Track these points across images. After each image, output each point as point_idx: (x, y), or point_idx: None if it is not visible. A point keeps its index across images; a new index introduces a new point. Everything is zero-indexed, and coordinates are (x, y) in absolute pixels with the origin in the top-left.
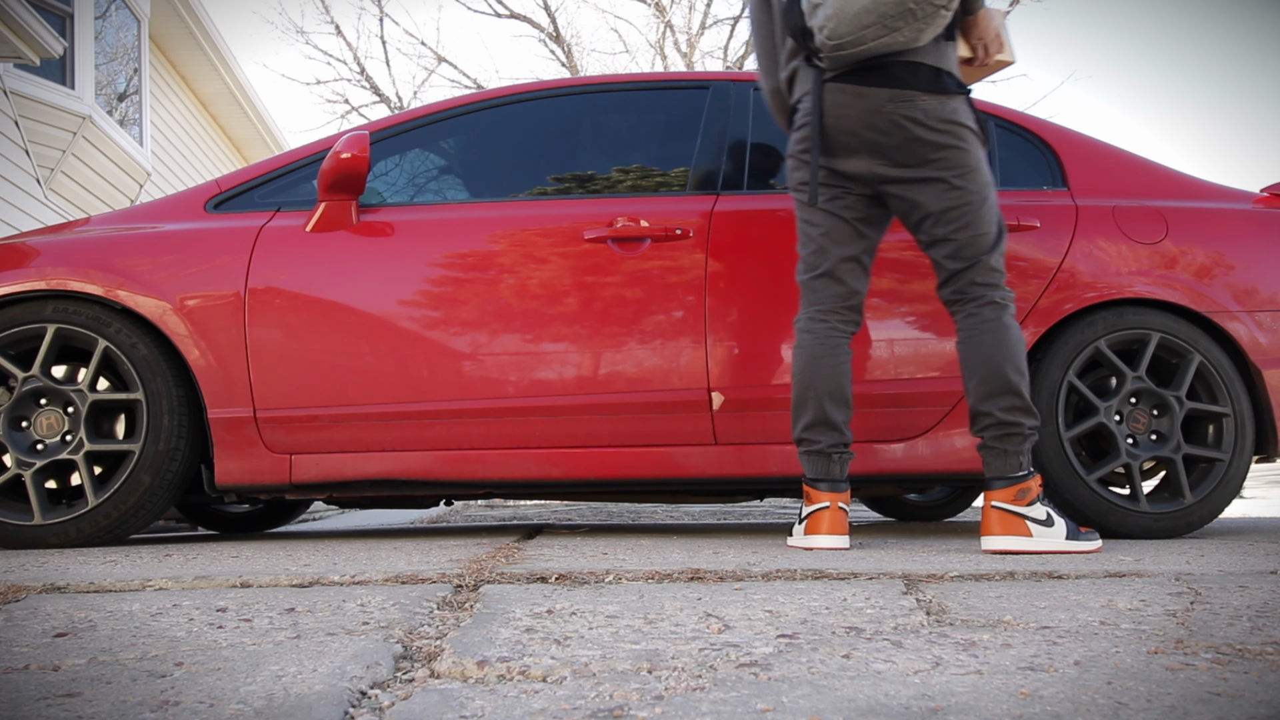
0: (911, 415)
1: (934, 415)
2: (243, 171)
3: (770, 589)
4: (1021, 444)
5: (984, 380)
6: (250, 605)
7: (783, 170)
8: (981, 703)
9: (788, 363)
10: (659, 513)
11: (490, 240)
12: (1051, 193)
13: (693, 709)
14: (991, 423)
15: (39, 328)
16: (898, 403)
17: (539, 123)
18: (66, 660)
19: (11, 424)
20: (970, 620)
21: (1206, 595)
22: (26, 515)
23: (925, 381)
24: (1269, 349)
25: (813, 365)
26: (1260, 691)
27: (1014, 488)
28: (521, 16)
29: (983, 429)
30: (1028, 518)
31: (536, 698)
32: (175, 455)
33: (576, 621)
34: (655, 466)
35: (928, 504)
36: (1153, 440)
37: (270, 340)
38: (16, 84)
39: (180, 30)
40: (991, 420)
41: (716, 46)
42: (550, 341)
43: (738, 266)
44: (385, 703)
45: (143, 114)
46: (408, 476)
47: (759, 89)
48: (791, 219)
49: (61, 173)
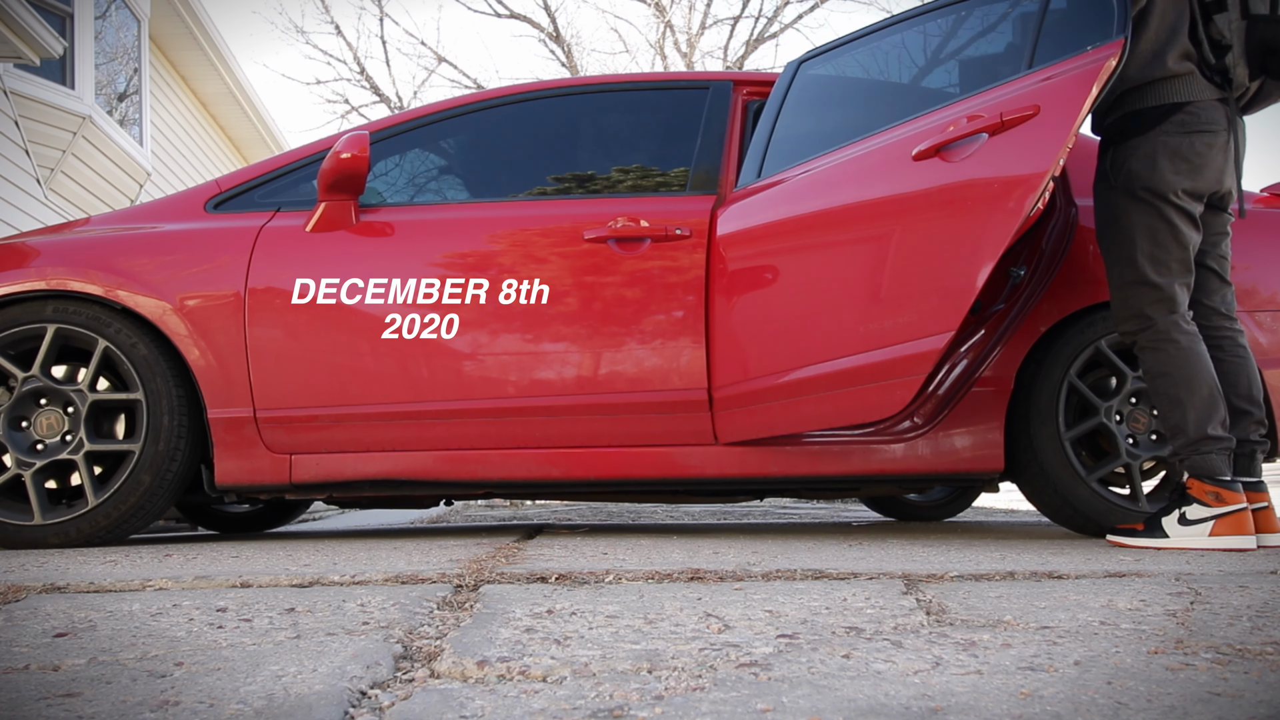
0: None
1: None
2: (243, 171)
3: (770, 589)
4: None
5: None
6: (250, 605)
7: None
8: (981, 703)
9: (788, 362)
10: (659, 513)
11: (490, 240)
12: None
13: (693, 709)
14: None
15: (39, 328)
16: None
17: (539, 123)
18: (66, 660)
19: (11, 424)
20: (970, 620)
21: (1206, 595)
22: (26, 515)
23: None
24: (1269, 349)
25: (1205, 362)
26: (1260, 691)
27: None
28: (521, 16)
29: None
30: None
31: (536, 698)
32: (175, 455)
33: (576, 621)
34: (655, 466)
35: (928, 504)
36: (1153, 440)
37: (270, 340)
38: (16, 84)
39: (180, 30)
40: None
41: (716, 46)
42: (550, 341)
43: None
44: (385, 703)
45: (143, 114)
46: (408, 476)
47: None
48: (794, 220)
49: (61, 173)
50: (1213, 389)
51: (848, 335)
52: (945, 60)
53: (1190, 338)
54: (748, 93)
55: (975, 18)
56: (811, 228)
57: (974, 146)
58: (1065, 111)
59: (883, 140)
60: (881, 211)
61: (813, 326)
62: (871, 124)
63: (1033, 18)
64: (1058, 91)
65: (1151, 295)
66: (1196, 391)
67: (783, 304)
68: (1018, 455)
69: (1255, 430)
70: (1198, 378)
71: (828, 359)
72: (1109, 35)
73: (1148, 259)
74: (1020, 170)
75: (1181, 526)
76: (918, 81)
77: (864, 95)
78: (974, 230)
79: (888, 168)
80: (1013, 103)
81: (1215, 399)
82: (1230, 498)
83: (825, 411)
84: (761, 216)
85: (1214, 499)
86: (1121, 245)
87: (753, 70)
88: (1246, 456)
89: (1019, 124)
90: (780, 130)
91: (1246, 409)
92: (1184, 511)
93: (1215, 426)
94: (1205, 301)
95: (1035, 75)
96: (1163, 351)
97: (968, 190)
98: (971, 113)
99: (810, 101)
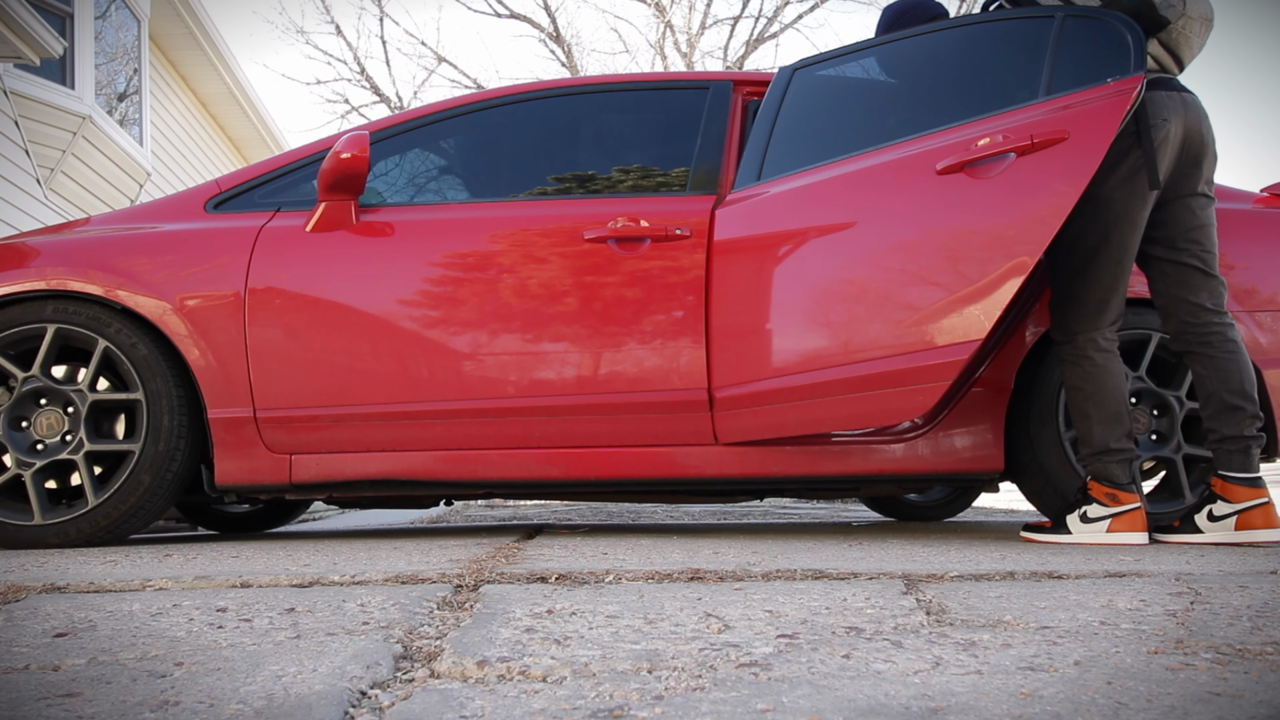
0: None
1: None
2: (243, 171)
3: (770, 589)
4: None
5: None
6: (250, 605)
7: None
8: (981, 703)
9: (800, 364)
10: (659, 513)
11: (490, 240)
12: None
13: (693, 709)
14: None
15: (39, 328)
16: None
17: (539, 123)
18: (66, 660)
19: (11, 424)
20: (970, 620)
21: (1206, 595)
22: (26, 515)
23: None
24: (1269, 349)
25: (1117, 380)
26: (1260, 691)
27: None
28: (521, 16)
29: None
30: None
31: (536, 698)
32: (175, 455)
33: (576, 621)
34: (655, 466)
35: (928, 504)
36: (1153, 440)
37: (270, 340)
38: (16, 84)
39: (180, 30)
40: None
41: (716, 46)
42: (550, 341)
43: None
44: (385, 703)
45: (143, 114)
46: (408, 476)
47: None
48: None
49: (61, 173)
50: (1119, 406)
51: (871, 340)
52: (950, 78)
53: (1106, 355)
54: (748, 93)
55: (980, 41)
56: (829, 233)
57: (1003, 165)
58: (1096, 138)
59: (899, 152)
60: (906, 220)
61: (830, 330)
62: (878, 134)
63: (1045, 46)
64: (1088, 118)
65: (1077, 310)
66: (1104, 407)
67: (795, 307)
68: (1017, 455)
69: (1250, 425)
70: (1107, 394)
71: (848, 363)
72: (1126, 70)
73: (1077, 272)
74: (1053, 190)
75: (1083, 524)
76: (921, 97)
77: (866, 105)
78: (1005, 244)
79: (910, 179)
80: (1041, 126)
81: (1120, 415)
82: (1125, 498)
83: (842, 414)
84: (771, 220)
85: (1110, 500)
86: (1057, 257)
87: (753, 70)
88: (1241, 452)
89: (1048, 147)
90: (779, 134)
91: (1239, 405)
92: (1085, 510)
93: (1118, 440)
94: (1190, 299)
95: (1057, 101)
96: (1078, 366)
97: (1000, 206)
98: (993, 132)
99: (810, 106)
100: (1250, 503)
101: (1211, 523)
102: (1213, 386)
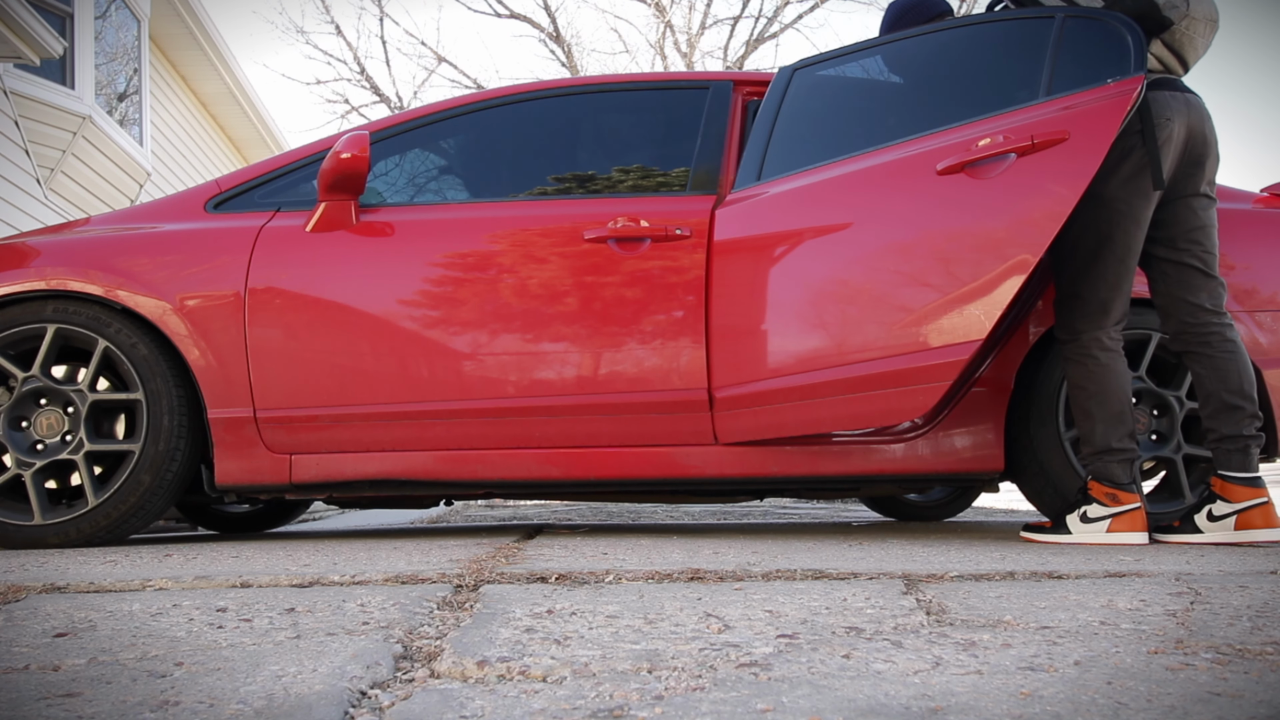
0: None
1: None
2: (243, 171)
3: (770, 589)
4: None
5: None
6: (250, 605)
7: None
8: (981, 703)
9: (799, 364)
10: (659, 513)
11: (490, 240)
12: None
13: (693, 709)
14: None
15: (39, 328)
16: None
17: (539, 123)
18: (66, 660)
19: (11, 424)
20: (970, 620)
21: (1206, 595)
22: (26, 515)
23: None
24: (1269, 349)
25: (1120, 379)
26: (1260, 691)
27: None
28: (521, 16)
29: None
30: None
31: (536, 698)
32: (175, 455)
33: (576, 621)
34: (655, 466)
35: (928, 504)
36: (1153, 440)
37: (270, 340)
38: (16, 84)
39: (180, 30)
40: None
41: (716, 46)
42: (550, 341)
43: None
44: (385, 703)
45: (143, 114)
46: (408, 476)
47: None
48: (810, 227)
49: (61, 173)
50: (1123, 405)
51: (871, 339)
52: (950, 78)
53: (1110, 355)
54: (748, 93)
55: (980, 41)
56: (829, 233)
57: (1003, 166)
58: (1097, 138)
59: (900, 153)
60: (905, 221)
61: (829, 330)
62: (878, 134)
63: (1045, 46)
64: (1088, 119)
65: (1081, 309)
66: (1107, 407)
67: (795, 307)
68: (1017, 455)
69: (1249, 425)
70: (1110, 394)
71: (848, 362)
72: (1126, 70)
73: (1081, 271)
74: (1054, 191)
75: (1083, 524)
76: (921, 97)
77: (867, 105)
78: (1006, 244)
79: (910, 179)
80: (1041, 126)
81: (1124, 415)
82: (1126, 498)
83: (842, 414)
84: (772, 220)
85: (1111, 500)
86: (1061, 256)
87: (752, 70)
88: (1240, 452)
89: (1049, 147)
90: (779, 134)
91: (1238, 404)
92: (1085, 510)
93: (1120, 439)
94: (1190, 299)
95: (1057, 102)
96: (1083, 365)
97: (1001, 206)
98: (993, 132)
99: (810, 106)
100: (1250, 502)
101: (1211, 522)
102: (1212, 386)
